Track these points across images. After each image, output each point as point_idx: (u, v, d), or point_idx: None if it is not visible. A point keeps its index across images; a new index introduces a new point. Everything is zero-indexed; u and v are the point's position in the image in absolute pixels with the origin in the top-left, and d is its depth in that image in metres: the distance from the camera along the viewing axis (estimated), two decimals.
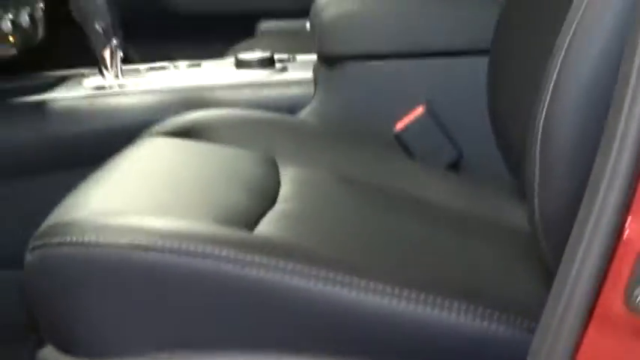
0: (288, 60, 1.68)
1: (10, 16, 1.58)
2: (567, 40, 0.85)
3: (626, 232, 0.70)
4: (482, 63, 1.35)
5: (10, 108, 1.58)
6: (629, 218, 0.70)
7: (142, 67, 1.73)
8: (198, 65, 1.71)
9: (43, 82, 1.70)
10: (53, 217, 1.05)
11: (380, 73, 1.47)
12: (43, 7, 1.72)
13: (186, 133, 1.35)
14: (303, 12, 2.21)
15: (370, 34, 1.46)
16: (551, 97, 0.85)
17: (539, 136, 0.87)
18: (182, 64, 1.74)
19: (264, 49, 2.13)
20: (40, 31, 1.72)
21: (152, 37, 2.43)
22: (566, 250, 0.75)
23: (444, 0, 1.48)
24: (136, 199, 1.09)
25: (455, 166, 1.45)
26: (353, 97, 1.49)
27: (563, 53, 0.84)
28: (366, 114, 1.48)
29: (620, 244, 0.71)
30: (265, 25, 2.44)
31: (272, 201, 1.16)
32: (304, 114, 1.51)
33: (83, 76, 1.65)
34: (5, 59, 1.63)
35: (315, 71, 1.52)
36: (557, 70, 0.85)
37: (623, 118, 0.71)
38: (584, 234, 0.72)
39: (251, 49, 2.15)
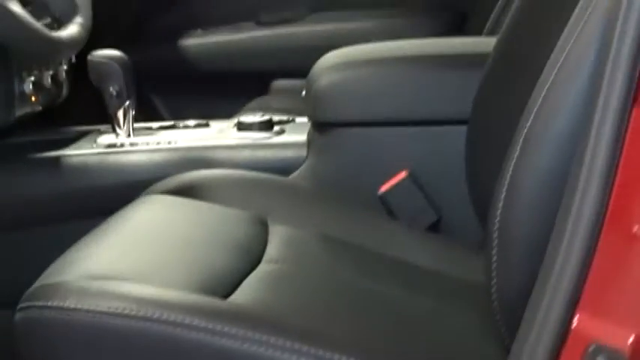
0: (288, 121, 1.62)
1: (33, 78, 1.51)
2: (529, 120, 0.81)
3: (575, 324, 0.64)
4: (462, 132, 1.29)
5: (28, 161, 1.53)
6: (578, 311, 0.64)
7: (154, 124, 1.68)
8: (206, 125, 1.65)
9: (61, 136, 1.64)
10: (43, 277, 1.00)
11: (367, 139, 1.42)
12: (67, 69, 1.66)
13: (184, 191, 1.29)
14: None
15: (358, 103, 1.41)
16: (511, 176, 0.81)
17: (498, 211, 0.82)
18: (191, 122, 1.68)
19: (275, 105, 2.11)
20: (65, 91, 1.68)
21: (179, 92, 2.45)
22: (519, 332, 0.70)
23: (428, 72, 1.41)
24: (122, 262, 1.04)
25: (435, 227, 1.39)
26: (342, 160, 1.43)
27: (526, 130, 0.81)
28: (354, 176, 1.41)
29: (569, 335, 0.64)
30: (278, 83, 2.38)
31: (257, 261, 1.11)
32: (297, 175, 1.45)
33: (99, 132, 1.60)
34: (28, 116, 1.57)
35: (308, 135, 1.46)
36: (516, 154, 0.81)
37: (576, 200, 0.65)
38: (535, 320, 0.66)
39: (264, 105, 2.14)
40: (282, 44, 2.40)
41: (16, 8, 1.08)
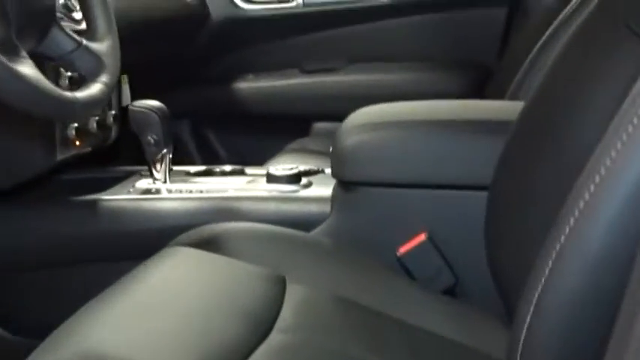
0: (317, 172, 1.39)
1: (76, 123, 1.32)
2: (565, 231, 0.58)
3: None
4: (483, 198, 1.06)
5: (64, 202, 1.31)
6: None
7: (192, 169, 1.45)
8: (241, 172, 1.42)
9: (104, 175, 1.45)
10: (49, 341, 0.81)
11: (389, 200, 1.18)
12: (115, 113, 1.45)
13: (207, 244, 1.08)
14: None
15: (382, 165, 1.17)
16: (547, 278, 0.59)
17: (522, 333, 0.60)
18: (227, 168, 1.46)
19: (313, 147, 1.89)
20: (113, 134, 1.46)
21: (232, 128, 2.29)
22: None
23: (451, 137, 1.17)
24: (126, 334, 0.83)
25: (451, 291, 1.14)
26: (364, 219, 1.19)
27: (568, 228, 0.58)
28: (375, 235, 1.17)
29: None
30: (318, 125, 2.16)
31: (269, 329, 0.89)
32: (319, 231, 1.21)
33: (140, 174, 1.39)
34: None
35: (333, 190, 1.23)
36: (559, 246, 0.58)
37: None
38: None
39: (303, 145, 1.93)
40: (323, 90, 2.20)
41: (25, 69, 0.84)
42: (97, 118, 1.39)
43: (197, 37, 2.10)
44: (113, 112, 1.46)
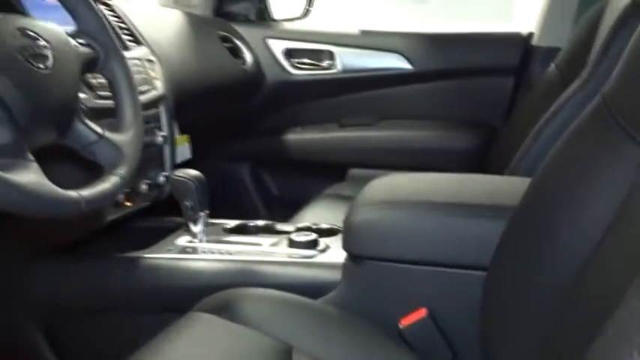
0: (340, 231, 1.17)
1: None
2: None
3: None
4: (481, 278, 0.84)
5: (114, 259, 1.13)
6: None
7: (230, 223, 1.26)
8: (271, 228, 1.23)
9: (153, 225, 1.28)
10: None
11: (393, 275, 0.96)
12: (166, 175, 1.27)
13: (223, 310, 0.90)
14: (386, 165, 1.89)
15: (388, 242, 0.96)
16: None
17: None
18: (260, 223, 1.26)
19: (347, 192, 1.72)
20: (165, 192, 1.28)
21: (282, 172, 2.11)
22: None
23: (452, 220, 0.95)
24: None
25: None
26: (370, 290, 0.99)
27: None
28: (379, 307, 0.97)
29: None
30: (353, 171, 1.97)
31: None
32: (329, 298, 1.01)
33: (185, 229, 1.18)
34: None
35: (344, 260, 1.01)
36: None
37: None
38: None
39: (339, 191, 1.75)
40: (357, 142, 2.00)
41: (27, 176, 0.66)
42: (148, 180, 1.22)
43: (255, 96, 1.94)
44: (165, 173, 1.28)
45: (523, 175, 1.14)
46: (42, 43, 0.74)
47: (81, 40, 0.85)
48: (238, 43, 1.90)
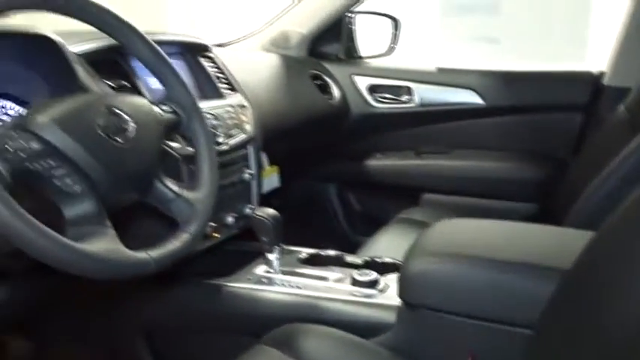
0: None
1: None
2: None
3: None
4: (528, 335, 0.76)
5: (198, 285, 1.11)
6: None
7: (304, 252, 1.21)
8: (340, 260, 1.17)
9: (239, 249, 1.25)
10: None
11: (443, 324, 0.87)
12: (252, 207, 1.24)
13: (285, 344, 0.87)
14: (458, 191, 1.81)
15: (441, 293, 0.87)
16: None
17: None
18: (332, 252, 1.21)
19: (418, 217, 1.62)
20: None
21: (364, 194, 2.03)
22: None
23: (504, 277, 0.84)
24: None
25: None
26: (419, 337, 0.90)
27: None
28: (427, 354, 0.89)
29: None
30: (426, 196, 1.86)
31: None
32: (383, 339, 0.93)
33: (264, 258, 1.13)
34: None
35: (399, 304, 0.93)
36: None
37: None
38: None
39: (411, 215, 1.65)
40: (432, 169, 1.87)
41: (101, 244, 0.64)
42: (235, 214, 1.20)
43: (340, 127, 1.89)
44: (251, 206, 1.26)
45: (585, 224, 1.01)
46: (126, 118, 0.73)
47: (166, 107, 0.84)
48: (327, 80, 1.86)
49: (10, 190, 0.57)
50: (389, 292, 1.02)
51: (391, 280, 1.05)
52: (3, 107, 0.93)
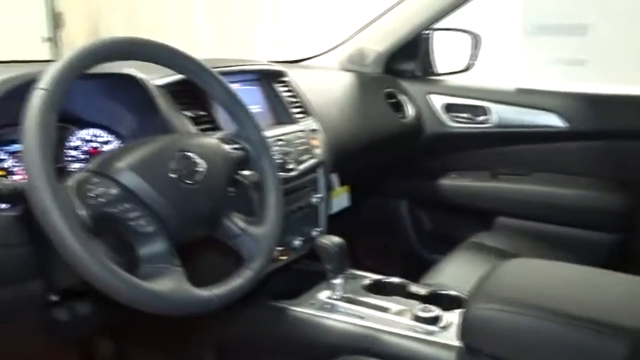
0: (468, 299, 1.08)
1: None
2: None
3: None
4: None
5: (265, 306, 1.14)
6: None
7: (367, 278, 1.21)
8: (403, 290, 1.16)
9: (300, 269, 1.26)
10: None
11: None
12: (321, 230, 1.26)
13: None
14: (534, 217, 1.74)
15: (503, 342, 0.84)
16: None
17: None
18: (395, 280, 1.21)
19: (489, 243, 1.58)
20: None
21: (435, 213, 2.00)
22: None
23: (569, 334, 0.80)
24: None
25: None
26: None
27: None
28: None
29: None
30: (500, 220, 1.80)
31: None
32: None
33: (329, 282, 1.14)
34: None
35: (459, 344, 0.92)
36: None
37: None
38: None
39: (481, 240, 1.61)
40: (508, 192, 1.80)
41: (169, 283, 0.68)
42: (302, 237, 1.22)
43: (413, 146, 1.87)
44: (319, 229, 1.28)
45: None
46: (196, 160, 0.77)
47: (235, 144, 0.88)
48: (402, 98, 1.84)
49: (89, 233, 0.63)
50: (450, 330, 1.00)
51: (454, 318, 1.03)
52: (95, 135, 1.01)
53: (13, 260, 0.72)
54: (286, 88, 1.35)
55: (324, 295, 1.14)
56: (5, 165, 0.87)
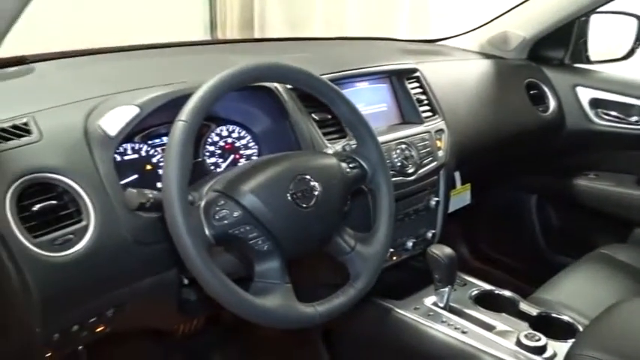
0: (577, 332, 1.03)
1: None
2: None
3: None
4: None
5: (371, 303, 1.17)
6: None
7: (477, 287, 1.20)
8: (515, 305, 1.15)
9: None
10: None
11: None
12: (434, 232, 1.27)
13: None
14: None
15: None
16: None
17: None
18: (507, 294, 1.19)
19: (621, 258, 1.47)
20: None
21: (563, 211, 1.89)
22: None
23: None
24: None
25: None
26: None
27: None
28: None
29: None
30: (638, 232, 1.64)
31: None
32: None
33: (438, 291, 1.15)
34: None
35: None
36: None
37: None
38: None
39: (612, 253, 1.50)
40: None
41: (276, 300, 0.76)
42: (414, 239, 1.24)
43: (550, 142, 1.74)
44: (433, 230, 1.28)
45: None
46: (313, 184, 0.81)
47: (352, 163, 0.91)
48: (545, 89, 1.72)
49: (208, 250, 0.72)
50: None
51: (561, 349, 1.00)
52: (233, 130, 1.11)
53: (156, 253, 0.84)
54: (417, 85, 1.33)
55: (429, 301, 1.16)
56: (154, 160, 0.99)
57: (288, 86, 1.05)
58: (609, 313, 0.90)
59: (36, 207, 0.75)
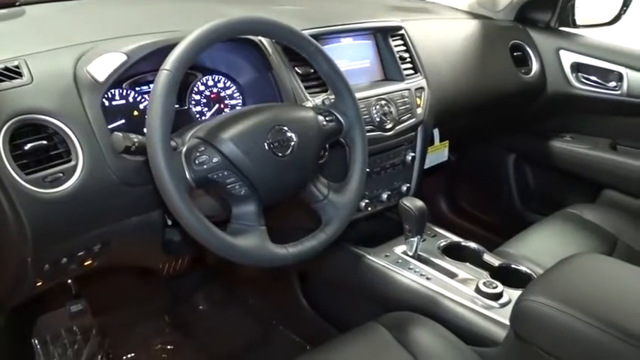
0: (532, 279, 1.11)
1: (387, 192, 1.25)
2: None
3: None
4: None
5: (347, 251, 1.24)
6: None
7: (446, 239, 1.27)
8: (479, 256, 1.22)
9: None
10: None
11: None
12: (408, 186, 1.32)
13: (395, 328, 1.01)
14: None
15: (551, 339, 0.87)
16: None
17: None
18: (472, 245, 1.25)
19: (588, 217, 1.53)
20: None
21: (538, 170, 1.95)
22: None
23: (623, 346, 0.79)
24: None
25: None
26: None
27: None
28: None
29: None
30: (607, 193, 1.71)
31: None
32: (485, 352, 0.99)
33: (408, 240, 1.22)
34: None
35: (509, 327, 0.96)
36: None
37: None
38: None
39: (579, 212, 1.56)
40: (625, 166, 1.69)
41: (248, 241, 0.82)
42: (389, 191, 1.29)
43: (531, 104, 1.79)
44: (408, 184, 1.34)
45: None
46: (290, 135, 0.86)
47: (330, 116, 0.95)
48: (529, 51, 1.75)
49: (189, 193, 0.77)
50: (507, 309, 1.05)
51: (516, 296, 1.07)
52: (218, 81, 1.14)
53: (142, 194, 0.89)
54: (401, 42, 1.36)
55: (399, 249, 1.23)
56: (141, 107, 1.03)
57: (273, 40, 1.08)
58: (561, 264, 0.97)
59: (27, 146, 0.79)
